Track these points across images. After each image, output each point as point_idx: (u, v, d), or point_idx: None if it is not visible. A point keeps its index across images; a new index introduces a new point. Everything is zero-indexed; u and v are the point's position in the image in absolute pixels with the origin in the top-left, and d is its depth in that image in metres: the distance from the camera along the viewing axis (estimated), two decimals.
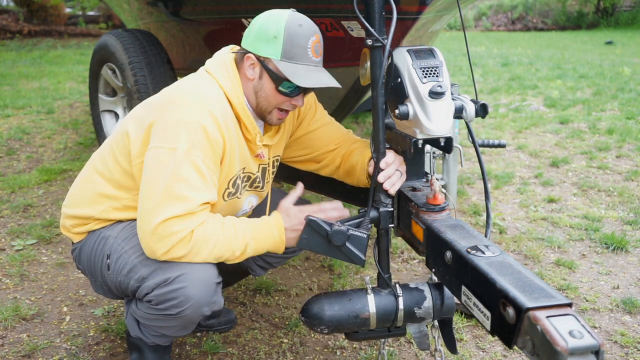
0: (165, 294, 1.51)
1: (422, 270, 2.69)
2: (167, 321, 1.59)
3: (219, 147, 1.52)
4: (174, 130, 1.47)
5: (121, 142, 1.63)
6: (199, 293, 1.51)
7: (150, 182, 1.47)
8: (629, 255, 2.83)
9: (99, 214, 1.67)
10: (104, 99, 3.65)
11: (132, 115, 1.66)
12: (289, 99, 1.61)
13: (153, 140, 1.50)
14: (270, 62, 1.56)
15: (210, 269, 1.55)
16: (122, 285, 1.62)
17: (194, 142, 1.45)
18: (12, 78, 7.58)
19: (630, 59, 10.56)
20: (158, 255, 1.46)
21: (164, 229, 1.42)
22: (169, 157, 1.45)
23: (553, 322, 0.95)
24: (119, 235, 1.65)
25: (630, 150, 4.56)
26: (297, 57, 1.54)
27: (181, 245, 1.44)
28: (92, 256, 1.70)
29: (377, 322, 1.56)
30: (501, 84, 7.80)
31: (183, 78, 1.69)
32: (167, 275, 1.49)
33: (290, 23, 1.53)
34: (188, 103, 1.50)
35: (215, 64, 1.63)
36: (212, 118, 1.49)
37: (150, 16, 3.66)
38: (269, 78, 1.58)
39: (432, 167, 2.26)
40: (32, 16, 14.47)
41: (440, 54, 1.51)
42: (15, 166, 4.08)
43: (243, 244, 1.54)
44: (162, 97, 1.59)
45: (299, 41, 1.53)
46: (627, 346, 2.11)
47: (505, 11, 23.17)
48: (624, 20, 20.62)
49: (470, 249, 1.23)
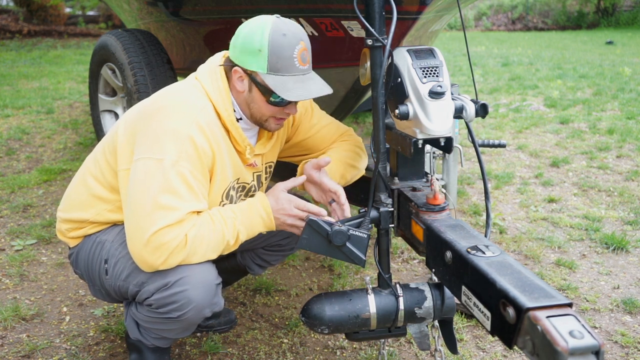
0: (165, 298, 1.51)
1: (422, 270, 2.69)
2: (168, 324, 1.59)
3: (207, 158, 1.51)
4: (160, 140, 1.46)
5: (112, 145, 1.63)
6: (199, 295, 1.51)
7: (137, 194, 1.45)
8: (630, 256, 2.83)
9: (93, 216, 1.67)
10: (104, 99, 3.65)
11: (124, 119, 1.66)
12: (282, 109, 1.60)
13: (139, 149, 1.49)
14: (258, 76, 1.54)
15: (210, 270, 1.54)
16: (122, 290, 1.61)
17: (181, 153, 1.45)
18: (11, 78, 7.58)
19: (630, 59, 10.56)
20: (157, 266, 1.44)
21: (157, 239, 1.41)
22: (157, 169, 1.44)
23: (553, 322, 0.95)
24: (115, 239, 1.64)
25: (631, 150, 4.56)
26: (284, 69, 1.52)
27: (177, 251, 1.44)
28: (89, 261, 1.69)
29: (377, 323, 1.56)
30: (501, 84, 7.80)
31: (174, 84, 1.68)
32: (167, 280, 1.49)
33: (274, 34, 1.50)
34: (176, 113, 1.49)
35: (206, 75, 1.62)
36: (200, 130, 1.48)
37: (150, 16, 3.65)
38: (258, 91, 1.56)
39: (432, 167, 2.26)
40: (31, 16, 14.47)
41: (440, 54, 1.51)
42: (15, 166, 4.08)
43: (235, 232, 1.53)
44: (151, 104, 1.58)
45: (284, 52, 1.50)
46: (627, 346, 2.11)
47: (506, 11, 23.16)
48: (624, 20, 20.62)
49: (470, 249, 1.23)
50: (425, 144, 1.46)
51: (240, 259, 2.08)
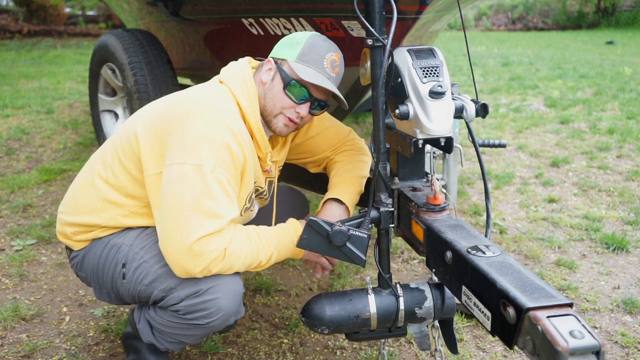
0: (195, 305, 1.51)
1: (423, 270, 2.69)
2: (192, 330, 1.58)
3: (240, 164, 1.51)
4: (196, 146, 1.44)
5: (128, 148, 1.58)
6: (229, 304, 1.52)
7: (176, 199, 1.43)
8: (630, 256, 2.83)
9: (106, 221, 1.62)
10: (104, 99, 3.65)
11: (141, 120, 1.60)
12: (294, 105, 1.60)
13: (173, 154, 1.46)
14: (285, 64, 1.59)
15: (238, 280, 1.56)
16: (142, 295, 1.58)
17: (218, 159, 1.44)
18: (11, 78, 7.58)
19: (630, 59, 10.56)
20: (195, 273, 1.44)
21: (200, 247, 1.40)
22: (195, 174, 1.42)
23: (554, 322, 0.95)
24: (135, 243, 1.60)
25: (631, 150, 4.56)
26: (311, 62, 1.57)
27: (216, 262, 1.44)
28: (100, 264, 1.64)
29: (377, 323, 1.56)
30: (501, 84, 7.80)
31: (197, 86, 1.66)
32: (199, 287, 1.49)
33: (317, 36, 1.61)
34: (208, 117, 1.47)
35: (234, 77, 1.61)
36: (233, 135, 1.48)
37: (150, 16, 3.65)
38: (280, 78, 1.59)
39: (432, 167, 2.26)
40: (31, 16, 14.47)
41: (441, 53, 1.50)
42: (14, 166, 4.08)
43: (269, 254, 1.56)
44: (177, 106, 1.54)
45: (318, 50, 1.58)
46: (627, 346, 2.11)
47: (506, 11, 23.17)
48: (625, 20, 20.62)
49: (470, 249, 1.23)
50: (425, 144, 1.46)
51: None
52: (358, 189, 1.84)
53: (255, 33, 2.51)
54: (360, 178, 1.86)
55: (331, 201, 1.77)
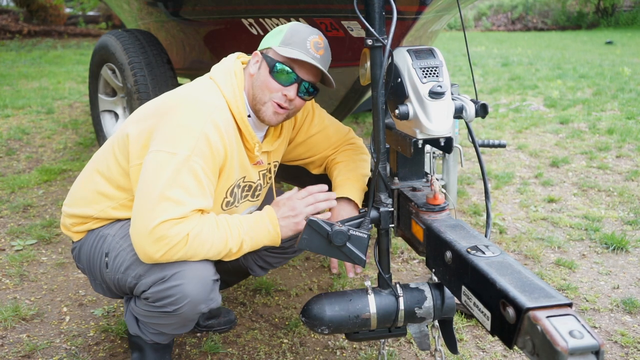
0: (161, 291, 1.51)
1: (422, 270, 2.69)
2: (165, 318, 1.59)
3: (219, 156, 1.53)
4: (175, 135, 1.48)
5: (122, 143, 1.63)
6: (195, 290, 1.51)
7: (147, 185, 1.46)
8: (629, 255, 2.83)
9: (97, 213, 1.68)
10: (104, 99, 3.65)
11: (134, 117, 1.67)
12: (281, 88, 1.61)
13: (153, 143, 1.50)
14: (270, 50, 1.62)
15: (207, 266, 1.55)
16: (120, 283, 1.62)
17: (194, 149, 1.46)
18: (11, 78, 7.58)
19: (630, 59, 10.56)
20: (156, 258, 1.45)
21: (161, 231, 1.42)
22: (169, 162, 1.45)
23: (553, 322, 0.95)
24: (117, 233, 1.65)
25: (631, 150, 4.56)
26: (294, 45, 1.59)
27: (178, 247, 1.45)
28: (91, 254, 1.70)
29: (377, 323, 1.56)
30: (501, 84, 7.80)
31: (187, 84, 1.70)
32: (164, 273, 1.50)
33: (298, 24, 1.64)
34: (191, 110, 1.51)
35: (221, 72, 1.66)
36: (215, 128, 1.50)
37: (150, 16, 3.65)
38: (265, 64, 1.62)
39: (432, 167, 2.26)
40: (32, 16, 14.47)
41: (440, 54, 1.50)
42: (15, 166, 4.08)
43: (239, 242, 1.55)
44: (165, 101, 1.60)
45: (300, 34, 1.61)
46: (627, 346, 2.11)
47: (505, 11, 23.16)
48: (624, 20, 20.62)
49: (470, 249, 1.23)
50: (425, 144, 1.46)
51: (242, 260, 2.08)
52: (363, 187, 1.85)
53: (255, 33, 2.51)
54: (363, 177, 1.87)
55: (341, 200, 1.77)
